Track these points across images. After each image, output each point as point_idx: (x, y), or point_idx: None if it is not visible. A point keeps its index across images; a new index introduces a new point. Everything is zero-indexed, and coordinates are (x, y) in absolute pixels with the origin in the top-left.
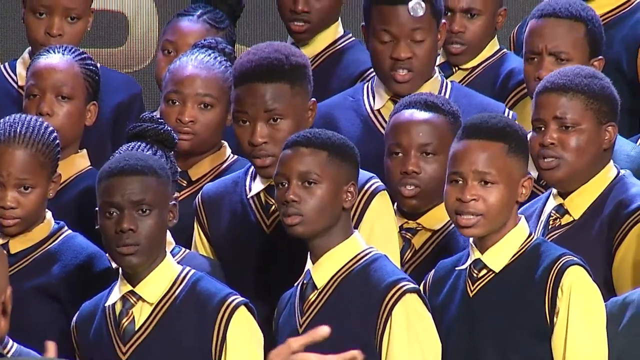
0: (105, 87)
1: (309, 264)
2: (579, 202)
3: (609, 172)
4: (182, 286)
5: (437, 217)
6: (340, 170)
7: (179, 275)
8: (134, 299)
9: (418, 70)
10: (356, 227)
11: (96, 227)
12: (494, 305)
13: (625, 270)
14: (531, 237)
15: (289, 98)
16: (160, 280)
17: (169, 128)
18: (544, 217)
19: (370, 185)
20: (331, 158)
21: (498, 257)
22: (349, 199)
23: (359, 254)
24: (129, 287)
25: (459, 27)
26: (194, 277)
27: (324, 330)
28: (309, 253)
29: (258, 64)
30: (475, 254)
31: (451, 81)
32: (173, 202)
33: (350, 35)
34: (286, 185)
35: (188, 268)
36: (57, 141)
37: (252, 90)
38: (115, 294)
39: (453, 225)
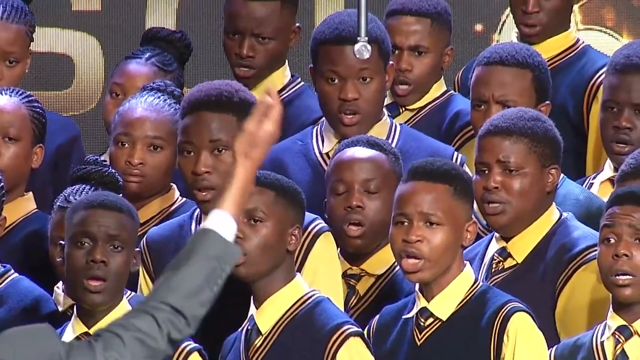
0: None
1: (252, 309)
2: (522, 245)
3: (552, 215)
4: None
5: (380, 262)
6: (287, 212)
7: None
8: None
9: (365, 112)
10: (300, 267)
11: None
12: (442, 353)
13: (569, 313)
14: (477, 283)
15: (235, 130)
16: None
17: (113, 170)
18: (486, 260)
19: (315, 226)
20: (278, 199)
21: (444, 305)
22: (293, 241)
23: (301, 297)
24: (84, 328)
25: (406, 65)
26: None
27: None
28: (252, 298)
29: (207, 94)
30: (422, 302)
31: (400, 124)
32: (138, 248)
33: (299, 79)
34: None
35: None
36: (2, 184)
37: (199, 119)
38: (68, 334)
39: (396, 269)
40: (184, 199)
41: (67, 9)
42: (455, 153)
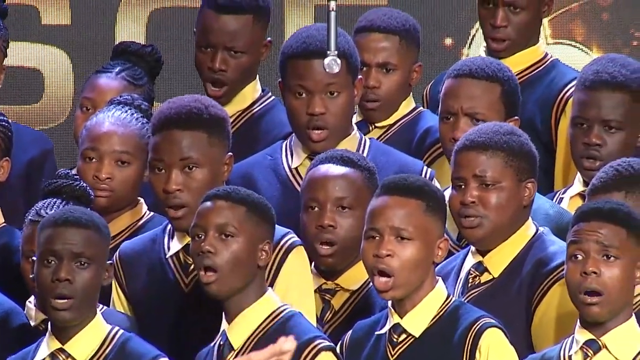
0: (16, 144)
1: (224, 325)
2: (498, 260)
3: (528, 229)
4: (111, 346)
5: (354, 277)
6: (257, 227)
7: (108, 334)
8: (63, 357)
9: (333, 127)
10: (272, 282)
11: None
12: None
13: (545, 328)
14: (449, 299)
15: (205, 147)
16: (90, 339)
17: (85, 184)
18: (462, 275)
19: (287, 241)
20: (249, 214)
21: (417, 321)
22: (263, 257)
23: (273, 312)
24: (58, 344)
25: (374, 81)
26: (123, 337)
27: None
28: (223, 313)
29: (177, 112)
30: (395, 319)
31: (370, 138)
32: (110, 261)
33: (270, 94)
34: (202, 237)
35: (117, 327)
36: None
37: (170, 137)
38: (43, 350)
39: (371, 284)
40: (152, 212)
41: (36, 23)
42: (425, 167)
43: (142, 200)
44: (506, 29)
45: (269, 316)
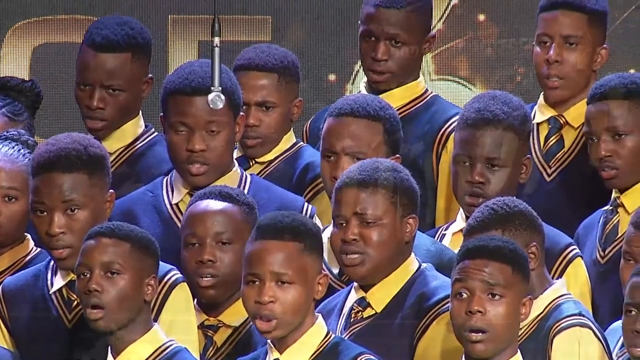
0: None
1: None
2: (381, 295)
3: (411, 265)
4: None
5: (237, 313)
6: (143, 262)
7: None
8: None
9: (213, 163)
10: (155, 318)
11: None
12: None
13: None
14: (329, 335)
15: (86, 188)
16: None
17: None
18: (345, 311)
19: (170, 277)
20: (134, 250)
21: (296, 357)
22: (150, 292)
23: (159, 347)
24: None
25: (254, 120)
26: None
27: None
28: (109, 348)
29: (56, 154)
30: (274, 354)
31: (251, 175)
32: None
33: (153, 130)
34: (88, 275)
35: None
36: None
37: (50, 180)
38: None
39: None
40: (39, 249)
41: None
42: (306, 204)
43: (29, 236)
44: (387, 62)
45: (154, 351)
